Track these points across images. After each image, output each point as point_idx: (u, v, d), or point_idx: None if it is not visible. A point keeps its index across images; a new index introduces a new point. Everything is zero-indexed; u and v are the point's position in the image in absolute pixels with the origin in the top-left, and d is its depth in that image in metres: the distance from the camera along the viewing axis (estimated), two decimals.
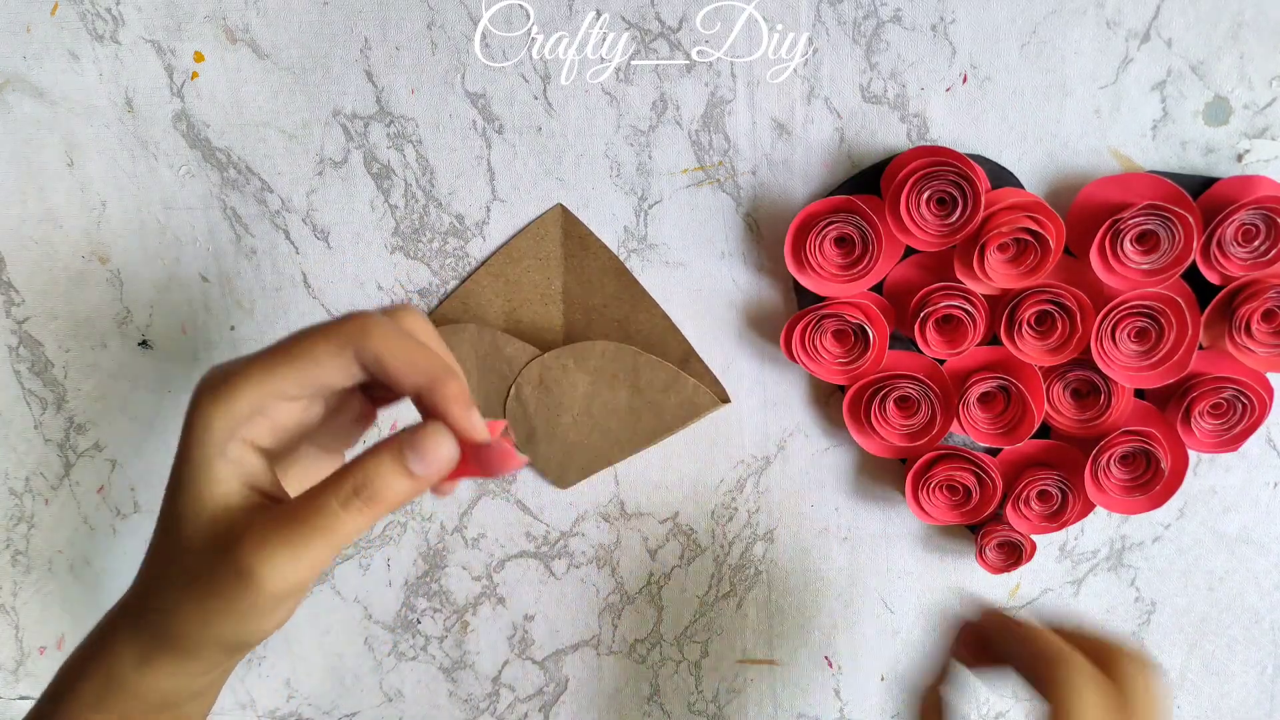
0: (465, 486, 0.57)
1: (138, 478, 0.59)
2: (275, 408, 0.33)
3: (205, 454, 0.32)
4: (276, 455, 0.35)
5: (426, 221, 0.53)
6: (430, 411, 0.33)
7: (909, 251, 0.49)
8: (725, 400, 0.53)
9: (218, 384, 0.33)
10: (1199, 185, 0.47)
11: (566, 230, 0.52)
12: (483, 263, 0.53)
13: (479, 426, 0.33)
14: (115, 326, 0.56)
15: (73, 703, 0.35)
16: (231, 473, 0.33)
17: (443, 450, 0.32)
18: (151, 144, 0.53)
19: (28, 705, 0.64)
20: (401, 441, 0.32)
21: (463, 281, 0.54)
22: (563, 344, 0.53)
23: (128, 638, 0.35)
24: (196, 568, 0.32)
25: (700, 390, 0.52)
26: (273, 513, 0.32)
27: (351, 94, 0.51)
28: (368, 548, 0.58)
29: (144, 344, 0.57)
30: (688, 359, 0.53)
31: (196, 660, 0.33)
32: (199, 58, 0.52)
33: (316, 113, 0.52)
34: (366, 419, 0.38)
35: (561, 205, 0.52)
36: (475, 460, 0.33)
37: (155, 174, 0.54)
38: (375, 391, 0.38)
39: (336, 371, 0.33)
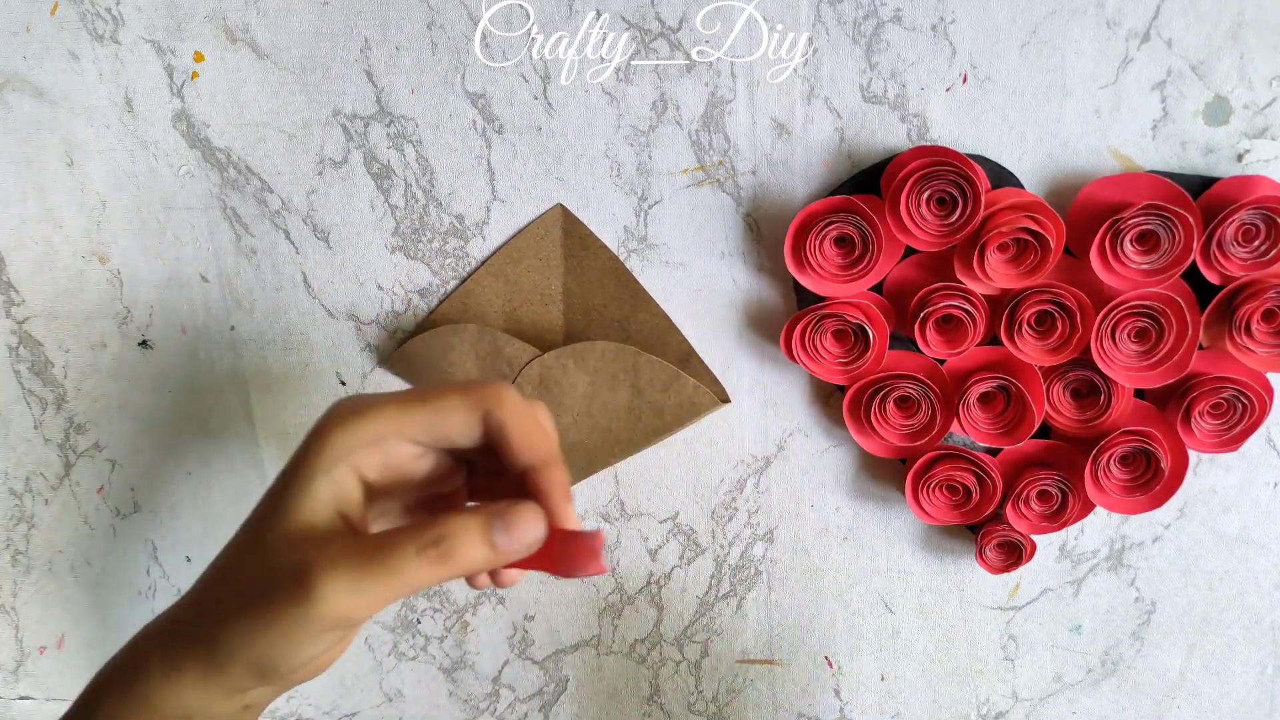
0: None
1: (138, 478, 0.59)
2: (393, 446, 0.34)
3: (312, 470, 0.33)
4: (371, 495, 0.36)
5: (426, 221, 0.53)
6: (532, 494, 0.34)
7: (909, 251, 0.49)
8: (725, 400, 0.53)
9: (349, 409, 0.34)
10: (1199, 185, 0.47)
11: (566, 230, 0.52)
12: (483, 263, 0.53)
13: (574, 519, 0.34)
14: (115, 326, 0.56)
15: (99, 709, 0.35)
16: (329, 494, 0.33)
17: (531, 530, 0.33)
18: (151, 144, 0.53)
19: (28, 705, 0.64)
20: (493, 512, 0.33)
21: (463, 281, 0.54)
22: (563, 344, 0.53)
23: (160, 645, 0.35)
24: (258, 576, 0.32)
25: (700, 390, 0.52)
26: (349, 541, 0.32)
27: (351, 94, 0.51)
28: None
29: (144, 344, 0.57)
30: (688, 359, 0.53)
31: (225, 674, 0.33)
32: (199, 58, 0.52)
33: (316, 113, 0.52)
34: (456, 500, 0.39)
35: (561, 205, 0.52)
36: (558, 552, 0.34)
37: (155, 174, 0.54)
38: (478, 479, 0.39)
39: (461, 427, 0.34)
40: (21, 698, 0.64)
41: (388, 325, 0.55)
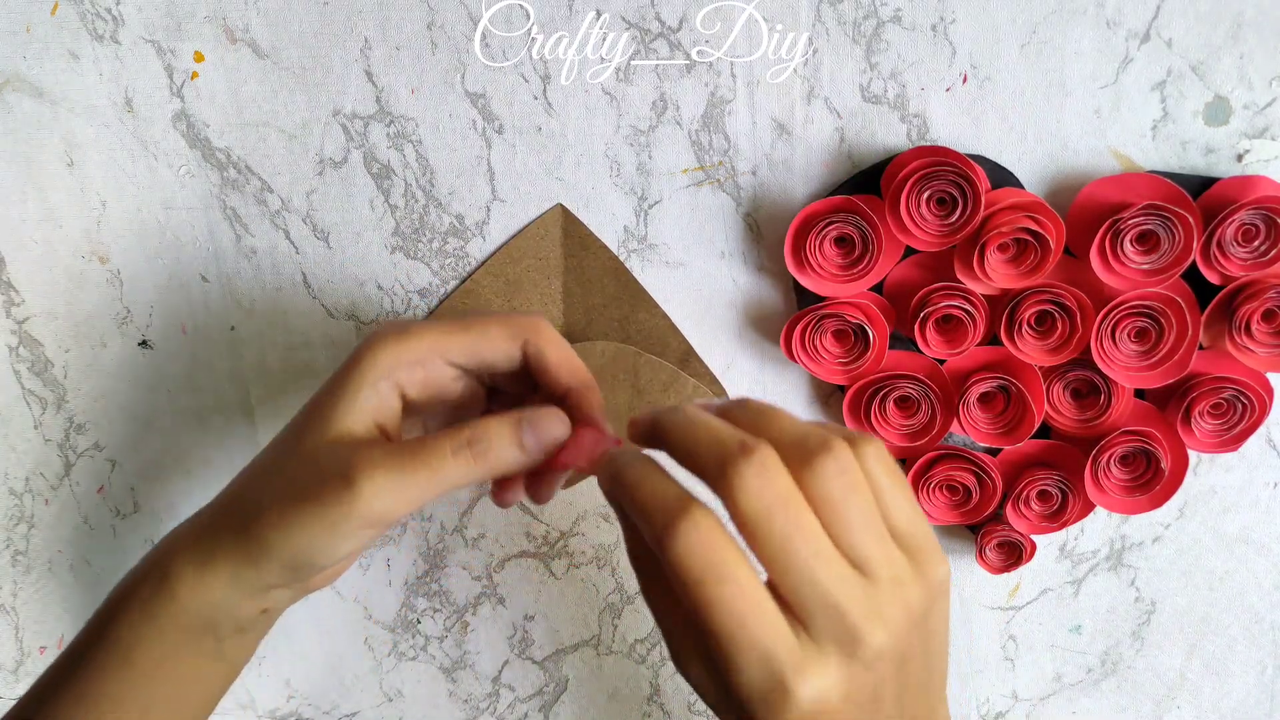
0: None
1: (138, 478, 0.59)
2: (435, 366, 0.37)
3: (358, 382, 0.35)
4: (406, 411, 0.38)
5: (426, 221, 0.53)
6: (573, 414, 0.37)
7: (909, 251, 0.49)
8: None
9: (395, 329, 0.36)
10: (1199, 185, 0.47)
11: (566, 230, 0.52)
12: (483, 263, 0.53)
13: (611, 433, 0.37)
14: (115, 326, 0.56)
15: (121, 614, 0.36)
16: (372, 405, 0.35)
17: (554, 430, 0.35)
18: (151, 144, 0.53)
19: None
20: (521, 416, 0.35)
21: (463, 281, 0.54)
22: None
23: (191, 544, 0.36)
24: (301, 475, 0.34)
25: (700, 390, 0.52)
26: (389, 445, 0.34)
27: (351, 94, 0.51)
28: (368, 547, 0.58)
29: (144, 344, 0.57)
30: (688, 359, 0.53)
31: (256, 569, 0.35)
32: (199, 58, 0.52)
33: (316, 113, 0.52)
34: None
35: (561, 205, 0.52)
36: (589, 451, 0.36)
37: (155, 174, 0.54)
38: (494, 407, 0.41)
39: (501, 352, 0.37)
40: None
41: None
